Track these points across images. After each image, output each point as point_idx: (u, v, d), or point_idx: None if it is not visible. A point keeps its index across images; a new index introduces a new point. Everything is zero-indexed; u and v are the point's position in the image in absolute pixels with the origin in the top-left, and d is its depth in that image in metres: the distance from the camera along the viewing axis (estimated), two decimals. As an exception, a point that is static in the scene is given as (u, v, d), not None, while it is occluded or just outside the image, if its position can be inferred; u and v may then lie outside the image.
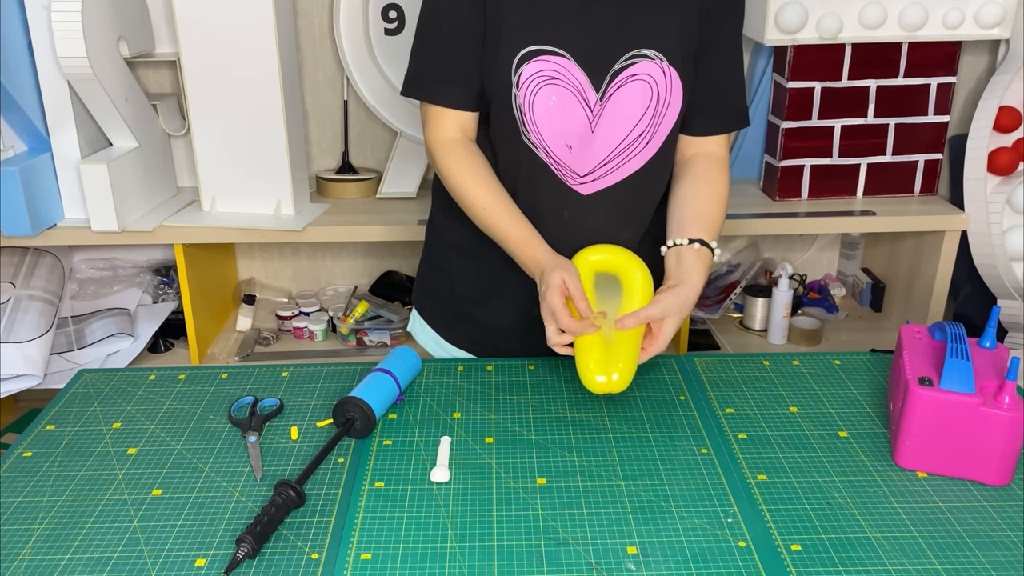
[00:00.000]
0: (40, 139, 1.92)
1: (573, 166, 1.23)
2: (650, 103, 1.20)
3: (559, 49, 1.17)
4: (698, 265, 1.19)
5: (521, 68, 1.17)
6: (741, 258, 2.38)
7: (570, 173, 1.24)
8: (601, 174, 1.24)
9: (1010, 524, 0.98)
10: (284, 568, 0.92)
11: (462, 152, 1.25)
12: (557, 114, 1.20)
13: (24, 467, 1.10)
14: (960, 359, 1.04)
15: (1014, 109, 1.98)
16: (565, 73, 1.18)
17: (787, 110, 2.02)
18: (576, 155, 1.23)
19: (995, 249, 1.98)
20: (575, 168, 1.24)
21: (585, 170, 1.24)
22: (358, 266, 2.40)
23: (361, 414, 1.13)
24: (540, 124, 1.20)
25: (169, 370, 1.32)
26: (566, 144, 1.22)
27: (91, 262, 2.29)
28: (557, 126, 1.21)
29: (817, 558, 0.92)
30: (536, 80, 1.18)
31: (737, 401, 1.23)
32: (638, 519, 0.99)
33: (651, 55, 1.18)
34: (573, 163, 1.23)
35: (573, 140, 1.21)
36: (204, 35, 1.85)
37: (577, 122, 1.20)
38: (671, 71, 1.19)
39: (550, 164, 1.23)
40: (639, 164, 1.25)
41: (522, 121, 1.21)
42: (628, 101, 1.20)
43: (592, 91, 1.19)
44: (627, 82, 1.19)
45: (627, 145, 1.23)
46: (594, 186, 1.25)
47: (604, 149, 1.23)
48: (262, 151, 1.94)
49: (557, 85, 1.18)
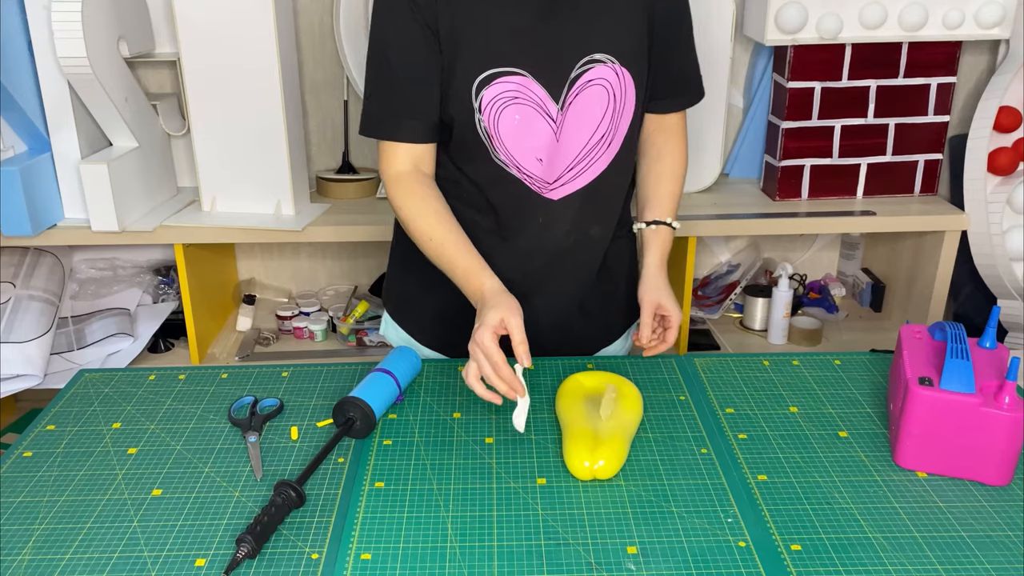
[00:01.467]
0: (40, 139, 1.92)
1: (543, 176, 1.26)
2: (608, 105, 1.23)
3: (516, 68, 1.19)
4: (653, 245, 1.34)
5: (482, 93, 1.19)
6: (741, 258, 2.38)
7: (541, 183, 1.26)
8: (569, 179, 1.27)
9: (1010, 524, 0.98)
10: (284, 568, 0.92)
11: (412, 185, 1.25)
12: (523, 131, 1.22)
13: (24, 467, 1.10)
14: (960, 359, 1.04)
15: (1014, 109, 1.98)
16: (524, 91, 1.20)
17: (787, 110, 2.03)
18: (546, 166, 1.25)
19: (995, 249, 1.99)
20: (545, 178, 1.26)
21: (553, 177, 1.26)
22: (358, 266, 2.40)
23: (361, 414, 1.13)
24: (508, 144, 1.23)
25: (169, 370, 1.32)
26: (536, 158, 1.24)
27: (91, 262, 2.29)
28: (525, 143, 1.23)
29: (817, 558, 0.93)
30: (498, 102, 1.20)
31: (737, 401, 1.23)
32: (638, 519, 0.99)
33: (603, 58, 1.21)
34: (543, 173, 1.26)
35: (541, 153, 1.24)
36: (204, 35, 1.85)
37: (543, 135, 1.23)
38: (623, 71, 1.22)
39: (522, 179, 1.25)
40: (604, 164, 1.28)
41: (490, 143, 1.23)
42: (587, 106, 1.22)
43: (552, 103, 1.21)
44: (584, 88, 1.21)
45: (591, 148, 1.25)
46: (563, 191, 1.27)
47: (570, 155, 1.25)
48: (262, 151, 1.94)
49: (519, 104, 1.20)
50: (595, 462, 1.04)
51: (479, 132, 1.22)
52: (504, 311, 1.12)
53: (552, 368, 1.31)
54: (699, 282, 2.39)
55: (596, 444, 1.06)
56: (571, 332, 1.40)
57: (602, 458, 1.04)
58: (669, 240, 1.35)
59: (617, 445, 1.07)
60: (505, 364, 1.10)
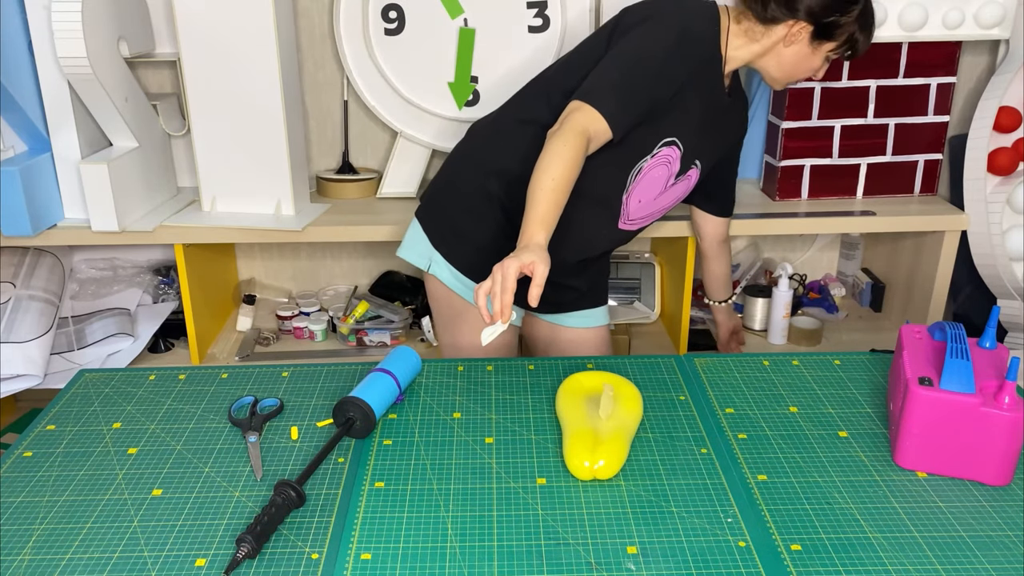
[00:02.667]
0: (40, 139, 1.92)
1: (630, 214, 1.58)
2: (684, 191, 1.63)
3: (681, 143, 1.52)
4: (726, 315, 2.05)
5: (662, 149, 1.51)
6: (741, 258, 2.38)
7: (625, 217, 1.58)
8: (635, 223, 1.62)
9: (1010, 524, 0.98)
10: (284, 568, 0.92)
11: (582, 147, 1.37)
12: (653, 184, 1.55)
13: (24, 467, 1.10)
14: (960, 359, 1.04)
15: (1014, 109, 1.98)
16: (674, 161, 1.54)
17: (787, 110, 2.02)
18: (640, 208, 1.58)
19: (995, 249, 1.98)
20: (630, 215, 1.58)
21: (634, 216, 1.59)
22: (358, 266, 2.40)
23: (361, 414, 1.13)
24: (640, 186, 1.54)
25: (169, 370, 1.32)
26: (639, 199, 1.56)
27: (91, 262, 2.29)
28: (648, 191, 1.56)
29: (817, 558, 0.93)
30: (660, 160, 1.52)
31: (737, 401, 1.23)
32: (638, 519, 0.99)
33: (699, 164, 1.60)
34: (632, 212, 1.58)
35: (645, 200, 1.57)
36: (204, 35, 1.85)
37: (655, 190, 1.57)
38: (698, 175, 1.62)
39: (622, 206, 1.56)
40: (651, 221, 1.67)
41: (631, 179, 1.52)
42: (680, 187, 1.61)
43: (674, 176, 1.57)
44: (685, 177, 1.59)
45: (661, 210, 1.64)
46: (631, 226, 1.62)
47: (653, 211, 1.62)
48: (262, 151, 1.94)
49: (666, 166, 1.54)
50: (595, 462, 1.04)
51: (634, 168, 1.51)
52: (538, 259, 1.23)
53: (552, 368, 1.31)
54: (699, 282, 2.39)
55: (596, 444, 1.06)
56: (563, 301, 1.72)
57: (602, 458, 1.04)
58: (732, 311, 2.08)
59: (617, 445, 1.07)
60: (510, 292, 1.19)
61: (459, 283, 1.59)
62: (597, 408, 1.13)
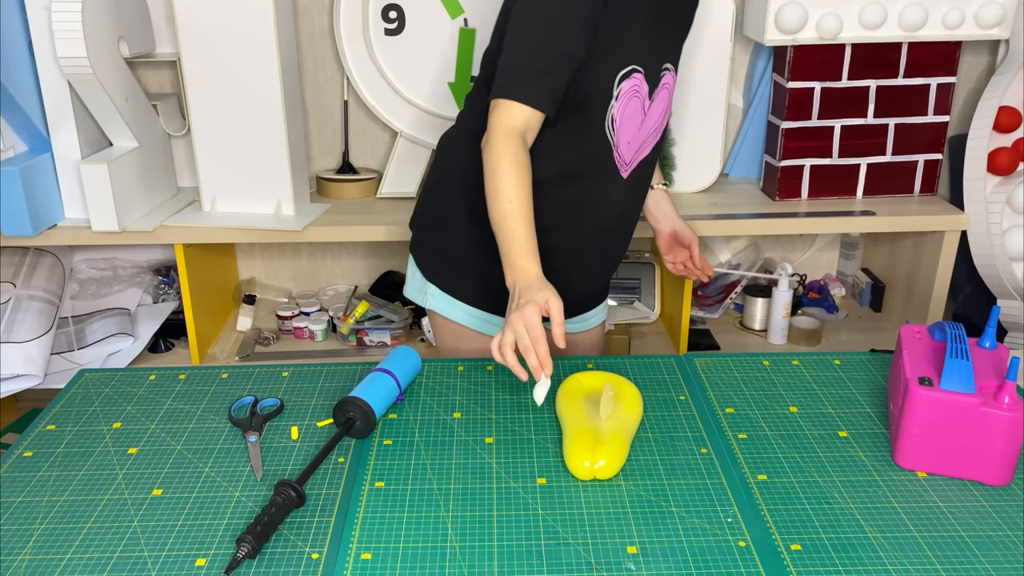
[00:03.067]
0: (40, 139, 1.92)
1: (625, 157, 1.44)
2: (667, 105, 1.47)
3: (640, 67, 1.38)
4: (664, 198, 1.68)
5: (622, 84, 1.36)
6: (741, 258, 2.38)
7: (622, 163, 1.44)
8: (634, 161, 1.46)
9: (1010, 524, 0.98)
10: (284, 568, 0.92)
11: (518, 147, 1.29)
12: (632, 120, 1.41)
13: (24, 467, 1.10)
14: (960, 359, 1.04)
15: (1014, 109, 1.98)
16: (642, 87, 1.40)
17: (787, 110, 2.02)
18: (630, 148, 1.44)
19: (995, 249, 1.99)
20: (625, 158, 1.45)
21: (629, 158, 1.45)
22: (358, 266, 2.40)
23: (361, 414, 1.13)
24: (622, 129, 1.40)
25: (169, 370, 1.32)
26: (627, 141, 1.42)
27: (91, 262, 2.29)
28: (630, 129, 1.42)
29: (817, 558, 0.93)
30: (628, 94, 1.38)
31: (737, 401, 1.23)
32: (638, 519, 0.99)
33: (670, 67, 1.45)
34: (626, 155, 1.44)
35: (632, 138, 1.43)
36: (204, 35, 1.85)
37: (636, 124, 1.42)
38: (674, 78, 1.47)
39: (615, 158, 1.42)
40: (648, 151, 1.48)
41: (611, 127, 1.39)
42: (659, 104, 1.45)
43: (647, 99, 1.42)
44: (661, 89, 1.43)
45: (652, 137, 1.47)
46: (628, 170, 1.46)
47: (640, 142, 1.45)
48: (262, 151, 1.94)
49: (637, 97, 1.40)
50: (595, 462, 1.04)
51: (606, 116, 1.37)
52: (551, 294, 1.18)
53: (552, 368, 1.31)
54: (699, 282, 2.39)
55: (596, 444, 1.06)
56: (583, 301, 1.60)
57: (602, 458, 1.04)
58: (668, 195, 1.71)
59: (617, 445, 1.07)
60: (544, 341, 1.13)
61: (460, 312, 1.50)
62: (597, 408, 1.13)
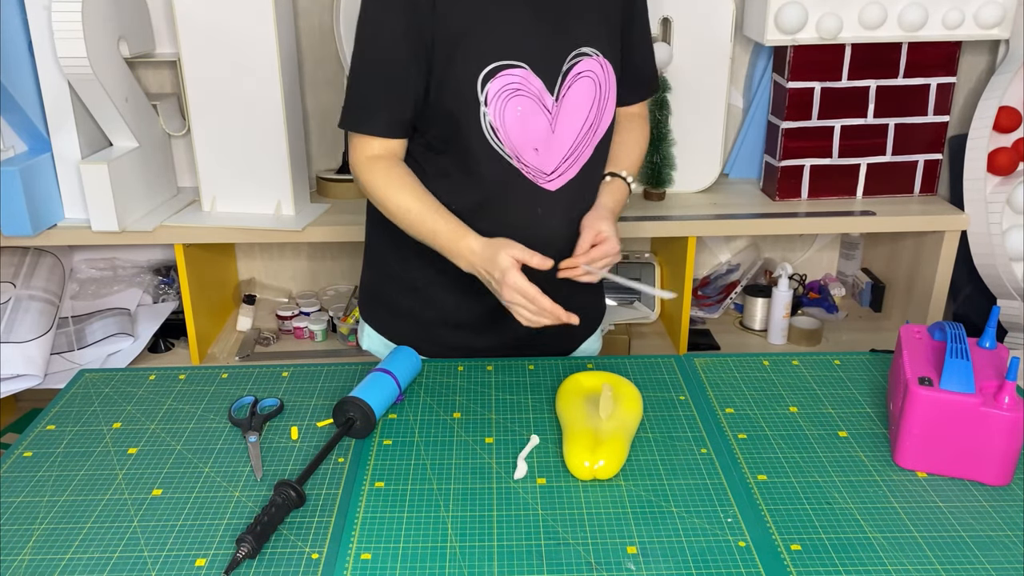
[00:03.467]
0: (40, 139, 1.92)
1: (541, 167, 1.29)
2: (595, 96, 1.29)
3: (517, 61, 1.22)
4: (606, 192, 1.36)
5: (487, 85, 1.22)
6: (741, 258, 2.38)
7: (539, 174, 1.29)
8: (563, 169, 1.30)
9: (1010, 524, 0.98)
10: (284, 568, 0.92)
11: (385, 166, 1.28)
12: (524, 122, 1.25)
13: (24, 467, 1.10)
14: (960, 359, 1.04)
15: (1014, 109, 1.98)
16: (525, 83, 1.24)
17: (787, 110, 2.03)
18: (542, 156, 1.28)
19: (995, 249, 1.99)
20: (542, 168, 1.29)
21: (551, 168, 1.29)
22: (358, 266, 2.38)
23: (361, 414, 1.13)
24: (511, 135, 1.25)
25: (169, 370, 1.32)
26: (533, 148, 1.27)
27: (91, 262, 2.29)
28: (525, 134, 1.26)
29: (817, 558, 0.93)
30: (503, 94, 1.23)
31: (737, 401, 1.23)
32: (638, 519, 0.99)
33: (589, 52, 1.27)
34: (541, 164, 1.29)
35: (539, 143, 1.27)
36: (204, 35, 1.85)
37: (540, 127, 1.26)
38: (606, 63, 1.29)
39: (521, 169, 1.28)
40: (590, 153, 1.32)
41: (494, 135, 1.25)
42: (577, 98, 1.28)
43: (548, 95, 1.26)
44: (575, 80, 1.27)
45: (581, 138, 1.30)
46: (559, 181, 1.31)
47: (564, 146, 1.29)
48: (262, 151, 1.94)
49: (521, 96, 1.24)
50: (595, 462, 1.04)
51: (483, 125, 1.23)
52: (506, 249, 1.18)
53: (552, 368, 1.31)
54: (699, 282, 2.39)
55: (596, 444, 1.06)
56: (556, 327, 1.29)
57: (602, 458, 1.04)
58: (624, 193, 1.38)
59: (617, 445, 1.07)
60: (543, 296, 1.16)
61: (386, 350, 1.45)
62: (597, 408, 1.13)
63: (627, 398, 1.16)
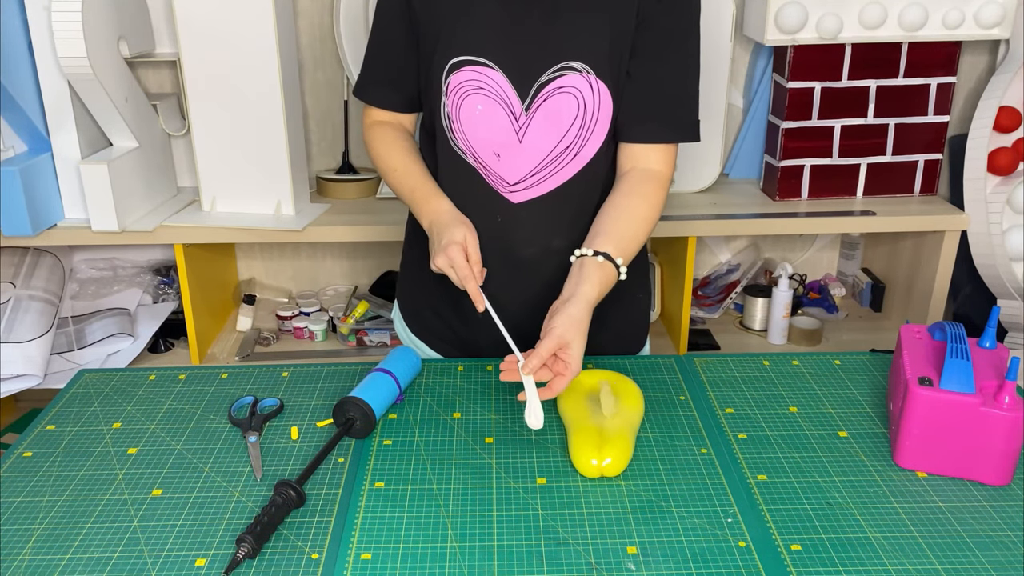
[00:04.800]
0: (40, 139, 1.92)
1: (502, 174, 1.25)
2: (577, 115, 1.20)
3: (487, 60, 1.19)
4: (594, 277, 1.14)
5: (450, 77, 1.21)
6: (741, 258, 2.38)
7: (499, 180, 1.25)
8: (531, 183, 1.25)
9: (1010, 524, 0.98)
10: (284, 568, 0.92)
11: (388, 129, 1.34)
12: (483, 122, 1.22)
13: (24, 467, 1.10)
14: (960, 359, 1.04)
15: (1014, 109, 1.98)
16: (491, 83, 1.20)
17: (787, 110, 2.03)
18: (505, 164, 1.24)
19: (995, 249, 1.99)
20: (504, 176, 1.25)
21: (515, 179, 1.25)
22: (358, 266, 2.40)
23: (361, 414, 1.13)
24: (467, 131, 1.23)
25: (169, 370, 1.32)
26: (494, 152, 1.23)
27: (91, 262, 2.29)
28: (483, 134, 1.23)
29: (817, 558, 0.93)
30: (462, 89, 1.20)
31: (737, 401, 1.23)
32: (638, 519, 0.99)
33: (578, 67, 1.18)
34: (502, 171, 1.25)
35: (500, 149, 1.23)
36: (204, 35, 1.85)
37: (503, 131, 1.22)
38: (599, 84, 1.19)
39: (479, 170, 1.26)
40: (569, 175, 1.25)
41: (449, 128, 1.24)
42: (555, 113, 1.20)
43: (518, 102, 1.21)
44: (553, 94, 1.19)
45: (555, 156, 1.23)
46: (524, 195, 1.26)
47: (533, 159, 1.23)
48: (262, 151, 1.94)
49: (483, 95, 1.20)
50: (602, 459, 1.04)
51: (441, 115, 1.24)
52: (467, 229, 1.21)
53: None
54: (699, 282, 2.39)
55: (603, 442, 1.06)
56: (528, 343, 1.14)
57: (609, 455, 1.04)
58: (611, 284, 1.17)
59: (623, 442, 1.07)
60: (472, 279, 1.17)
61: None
62: (599, 405, 1.13)
63: (628, 395, 1.16)
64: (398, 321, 1.53)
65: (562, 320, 1.09)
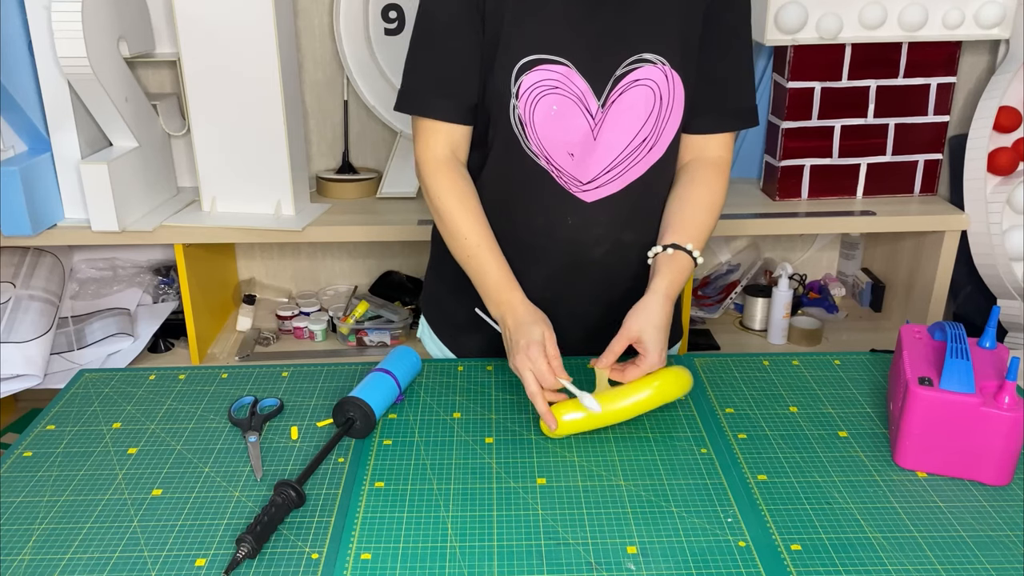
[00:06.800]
0: (40, 139, 1.92)
1: (576, 174, 1.22)
2: (653, 107, 1.19)
3: (560, 58, 1.16)
4: (663, 270, 1.19)
5: (521, 78, 1.16)
6: (741, 258, 2.38)
7: (572, 181, 1.22)
8: (604, 181, 1.23)
9: (1010, 524, 0.98)
10: (284, 568, 0.92)
11: (452, 175, 1.23)
12: (558, 123, 1.19)
13: (24, 467, 1.10)
14: (960, 359, 1.04)
15: (1014, 109, 1.98)
16: (566, 82, 1.17)
17: (787, 110, 2.03)
18: (578, 163, 1.21)
19: (995, 249, 1.99)
20: (577, 176, 1.22)
21: (588, 177, 1.22)
22: (358, 266, 2.40)
23: (361, 414, 1.13)
24: (541, 134, 1.19)
25: (169, 370, 1.32)
26: (568, 152, 1.20)
27: (91, 262, 2.29)
28: (558, 135, 1.19)
29: (817, 558, 0.93)
30: (536, 90, 1.17)
31: (737, 401, 1.23)
32: (638, 519, 0.99)
33: (652, 59, 1.17)
34: (575, 171, 1.22)
35: (575, 148, 1.20)
36: (204, 35, 1.85)
37: (578, 130, 1.19)
38: (673, 74, 1.18)
39: (551, 172, 1.22)
40: (643, 169, 1.23)
41: (522, 131, 1.19)
42: (630, 107, 1.19)
43: (593, 98, 1.18)
44: (629, 87, 1.18)
45: (631, 151, 1.21)
46: (597, 193, 1.24)
47: (607, 156, 1.21)
48: (262, 151, 1.94)
49: (558, 94, 1.17)
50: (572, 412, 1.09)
51: (511, 119, 1.18)
52: (545, 327, 1.15)
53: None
54: (699, 282, 2.39)
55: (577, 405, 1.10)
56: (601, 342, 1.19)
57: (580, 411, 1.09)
58: (686, 272, 1.22)
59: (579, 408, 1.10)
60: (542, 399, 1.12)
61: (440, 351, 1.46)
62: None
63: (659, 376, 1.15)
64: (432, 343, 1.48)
65: (632, 314, 1.15)
